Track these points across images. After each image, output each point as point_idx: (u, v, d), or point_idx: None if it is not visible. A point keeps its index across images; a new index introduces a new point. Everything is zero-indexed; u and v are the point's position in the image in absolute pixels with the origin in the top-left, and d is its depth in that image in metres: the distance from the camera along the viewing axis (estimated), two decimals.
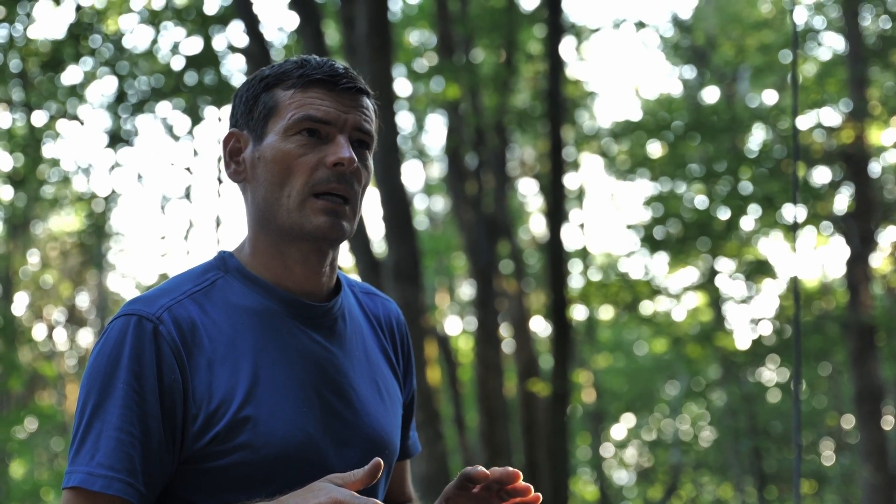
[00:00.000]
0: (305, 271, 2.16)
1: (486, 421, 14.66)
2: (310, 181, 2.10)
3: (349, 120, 2.13)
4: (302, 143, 2.11)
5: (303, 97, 2.13)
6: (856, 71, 15.05)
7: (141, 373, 2.02)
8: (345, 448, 2.13)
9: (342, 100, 2.14)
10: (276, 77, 2.17)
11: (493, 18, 15.22)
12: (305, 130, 2.11)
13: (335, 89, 2.13)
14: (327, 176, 2.10)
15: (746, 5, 20.92)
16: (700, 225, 16.04)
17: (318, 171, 2.10)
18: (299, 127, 2.11)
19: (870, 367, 14.79)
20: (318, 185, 2.10)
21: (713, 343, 19.98)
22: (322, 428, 2.10)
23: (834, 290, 22.27)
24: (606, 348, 26.52)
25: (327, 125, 2.12)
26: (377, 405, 2.22)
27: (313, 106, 2.12)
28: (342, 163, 2.09)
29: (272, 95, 2.16)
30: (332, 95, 2.13)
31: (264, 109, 2.16)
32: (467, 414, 17.71)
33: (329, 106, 2.12)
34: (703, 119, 16.05)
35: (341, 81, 2.14)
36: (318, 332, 2.17)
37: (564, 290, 13.70)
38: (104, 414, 2.00)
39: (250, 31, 9.88)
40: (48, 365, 22.79)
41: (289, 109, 2.13)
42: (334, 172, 2.10)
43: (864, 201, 15.12)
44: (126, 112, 13.22)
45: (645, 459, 29.73)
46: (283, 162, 2.11)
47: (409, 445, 2.44)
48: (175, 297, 2.10)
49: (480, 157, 15.17)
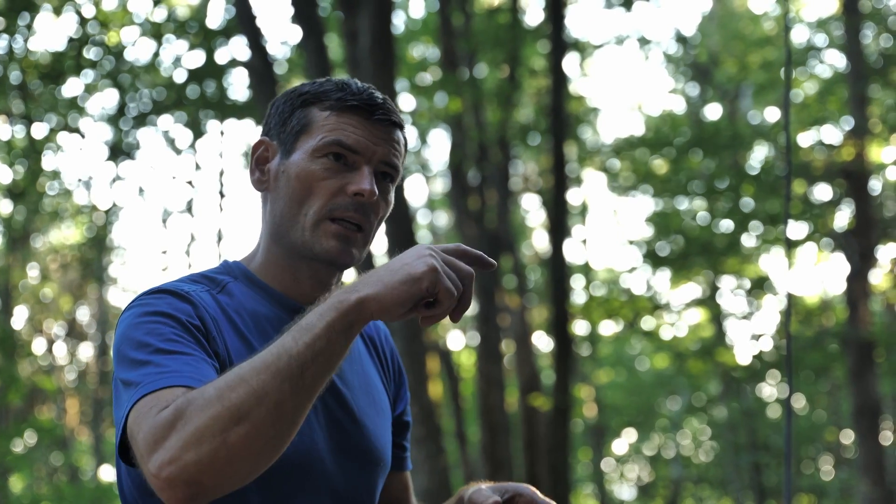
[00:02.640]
0: (314, 286, 2.18)
1: (488, 435, 14.65)
2: (328, 205, 2.11)
3: (378, 152, 2.14)
4: (327, 166, 2.12)
5: (337, 121, 2.14)
6: (857, 88, 15.07)
7: (180, 315, 2.01)
8: (343, 457, 2.14)
9: (375, 130, 2.14)
10: (314, 95, 2.18)
11: (497, 34, 15.24)
12: (332, 154, 2.12)
13: (370, 118, 2.14)
14: (346, 203, 2.11)
15: (749, 23, 20.98)
16: (701, 241, 16.06)
17: (338, 196, 2.11)
18: (328, 150, 2.12)
19: (868, 382, 14.80)
20: (336, 210, 2.11)
21: (714, 358, 19.98)
22: (325, 436, 2.12)
23: (833, 306, 22.28)
24: (608, 363, 26.54)
25: (355, 154, 2.13)
26: (374, 417, 2.24)
27: (345, 132, 2.13)
28: (362, 194, 2.10)
29: (307, 113, 2.17)
30: (365, 124, 2.14)
31: (297, 125, 2.17)
32: (469, 428, 17.71)
33: (361, 135, 2.13)
34: (705, 136, 16.07)
35: (377, 112, 2.14)
36: None
37: (566, 305, 13.72)
38: (150, 347, 1.95)
39: (253, 44, 9.90)
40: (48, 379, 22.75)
41: (321, 131, 2.14)
42: (353, 201, 2.12)
43: (863, 218, 15.13)
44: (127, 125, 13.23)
45: (646, 474, 29.72)
46: (306, 181, 2.12)
47: (404, 457, 2.46)
48: (196, 289, 2.11)
49: (483, 172, 15.18)
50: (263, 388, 1.75)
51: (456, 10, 15.16)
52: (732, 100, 21.58)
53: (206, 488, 1.75)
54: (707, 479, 27.74)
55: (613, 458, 28.98)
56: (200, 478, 1.74)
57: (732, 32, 20.75)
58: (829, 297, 23.24)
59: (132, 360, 1.94)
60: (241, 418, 1.73)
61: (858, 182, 15.27)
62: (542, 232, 22.46)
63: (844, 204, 16.09)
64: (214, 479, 1.74)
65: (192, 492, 1.75)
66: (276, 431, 1.76)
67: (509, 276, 16.40)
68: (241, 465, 1.75)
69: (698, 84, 22.07)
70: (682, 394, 25.52)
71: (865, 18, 15.55)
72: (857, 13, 15.16)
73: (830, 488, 24.23)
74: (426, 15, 17.30)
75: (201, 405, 1.75)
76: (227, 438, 1.73)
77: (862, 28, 15.35)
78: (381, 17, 9.57)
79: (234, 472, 1.76)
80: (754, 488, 24.00)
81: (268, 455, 1.78)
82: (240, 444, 1.73)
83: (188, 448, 1.73)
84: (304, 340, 1.78)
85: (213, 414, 1.74)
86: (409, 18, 18.00)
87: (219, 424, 1.73)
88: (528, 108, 18.20)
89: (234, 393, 1.75)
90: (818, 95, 17.36)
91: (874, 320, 16.74)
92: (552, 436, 13.66)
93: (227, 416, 1.73)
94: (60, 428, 21.79)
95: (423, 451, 9.25)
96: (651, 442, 29.03)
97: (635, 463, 29.74)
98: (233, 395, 1.75)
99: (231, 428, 1.73)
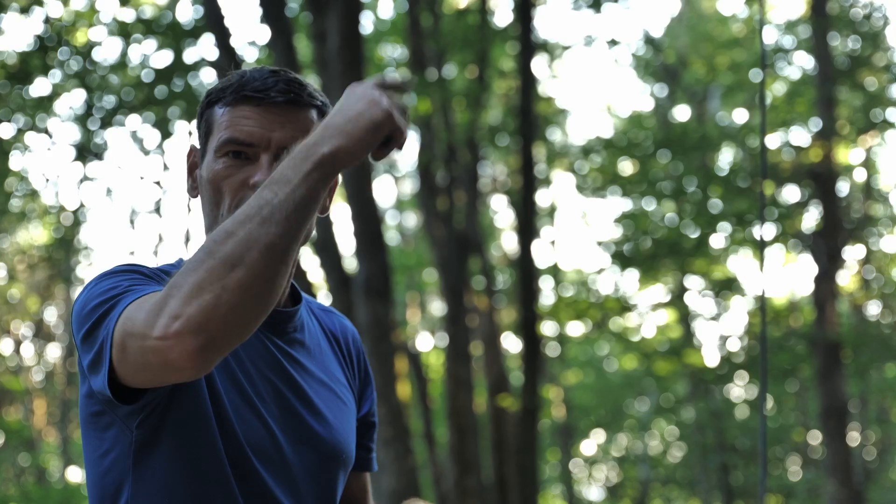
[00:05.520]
0: None
1: (457, 436, 14.65)
2: (235, 201, 2.10)
3: (273, 138, 2.11)
4: (228, 164, 2.11)
5: (231, 116, 2.13)
6: (824, 90, 15.15)
7: (141, 269, 2.06)
8: (301, 446, 2.15)
9: (269, 116, 2.12)
10: (216, 93, 2.17)
11: (466, 35, 15.24)
12: (231, 153, 2.12)
13: (261, 105, 2.12)
14: (250, 196, 2.09)
15: (718, 24, 21.05)
16: (670, 242, 16.11)
17: (241, 191, 2.10)
18: (225, 149, 2.12)
19: (836, 383, 14.89)
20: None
21: (682, 359, 20.04)
22: (280, 425, 2.12)
23: (801, 307, 22.39)
24: (576, 364, 26.58)
25: (251, 146, 2.11)
26: (336, 411, 2.24)
27: (237, 127, 2.11)
28: (258, 185, 2.06)
29: (211, 113, 2.17)
30: (258, 111, 2.11)
31: (205, 127, 2.17)
32: (437, 429, 17.69)
33: (254, 125, 2.11)
34: (673, 137, 16.13)
35: (270, 95, 2.12)
36: (280, 338, 2.19)
37: (535, 306, 13.74)
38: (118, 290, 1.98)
39: (221, 44, 9.86)
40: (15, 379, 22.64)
41: (219, 129, 2.13)
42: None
43: (831, 220, 15.21)
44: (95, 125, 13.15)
45: (614, 475, 29.78)
46: (215, 182, 2.12)
47: (369, 458, 2.46)
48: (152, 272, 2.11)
49: (452, 173, 15.17)
50: (252, 235, 1.79)
51: (425, 10, 15.14)
52: (701, 101, 21.64)
53: (213, 338, 1.77)
54: (675, 479, 27.81)
55: (582, 458, 29.02)
56: (207, 325, 1.76)
57: (701, 34, 20.82)
58: (796, 299, 23.35)
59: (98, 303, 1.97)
60: (235, 264, 1.77)
61: (826, 183, 15.35)
62: (511, 233, 22.49)
63: (812, 205, 16.17)
64: (220, 326, 1.77)
65: (200, 342, 1.77)
66: (271, 273, 1.80)
67: (478, 277, 16.39)
68: (244, 309, 1.78)
69: (667, 85, 22.12)
70: (651, 395, 25.56)
71: (833, 21, 15.62)
72: (825, 15, 15.24)
73: (798, 489, 24.34)
74: (395, 16, 17.26)
75: (192, 266, 1.79)
76: (226, 284, 1.76)
77: (830, 30, 15.43)
78: (349, 17, 9.56)
79: (239, 318, 1.78)
80: (722, 489, 24.08)
81: (266, 297, 1.81)
82: (239, 287, 1.77)
83: (189, 302, 1.76)
84: (284, 191, 1.83)
85: (208, 268, 1.78)
86: (377, 19, 17.98)
87: (215, 274, 1.77)
88: (497, 109, 18.21)
89: (223, 246, 1.79)
90: (786, 97, 17.44)
91: (841, 321, 16.85)
92: (521, 437, 13.68)
93: (221, 266, 1.77)
94: (28, 429, 21.67)
95: (391, 452, 9.25)
96: (619, 443, 29.10)
97: (604, 464, 29.79)
98: (223, 248, 1.79)
99: (227, 275, 1.77)
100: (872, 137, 17.90)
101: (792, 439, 25.11)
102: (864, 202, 19.58)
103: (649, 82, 22.92)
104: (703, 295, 21.22)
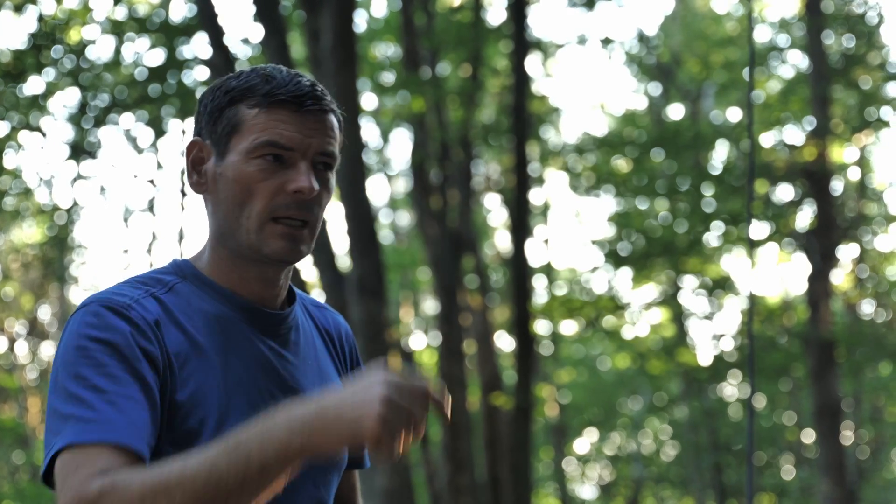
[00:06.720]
0: (262, 284, 2.16)
1: (449, 435, 14.64)
2: (269, 206, 2.08)
3: (312, 144, 2.09)
4: (263, 167, 2.08)
5: (267, 119, 2.09)
6: (818, 89, 15.14)
7: (118, 339, 2.00)
8: None
9: (306, 122, 2.10)
10: (240, 92, 2.12)
11: (459, 33, 15.23)
12: (269, 155, 2.09)
13: (300, 111, 2.09)
14: (287, 202, 2.08)
15: (711, 23, 21.06)
16: (663, 241, 16.10)
17: (278, 196, 2.08)
18: (262, 152, 2.08)
19: (829, 382, 14.89)
20: (278, 210, 2.08)
21: (675, 358, 20.05)
22: None
23: (795, 306, 22.41)
24: (569, 363, 26.59)
25: (290, 151, 2.08)
26: None
27: (276, 130, 2.08)
28: (302, 191, 2.07)
29: (236, 112, 2.12)
30: (296, 118, 2.09)
31: (228, 125, 2.12)
32: (430, 428, 17.69)
33: (293, 130, 2.09)
34: (666, 136, 16.11)
35: (306, 103, 2.10)
36: (273, 340, 2.17)
37: (528, 304, 13.74)
38: (85, 381, 1.95)
39: (215, 42, 9.85)
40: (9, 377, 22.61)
41: (252, 131, 2.09)
42: (294, 199, 2.08)
43: (825, 218, 15.22)
44: (89, 123, 13.14)
45: (607, 473, 29.79)
46: (244, 183, 2.09)
47: (361, 456, 2.44)
48: (137, 295, 2.08)
49: (445, 171, 15.16)
50: (196, 497, 1.80)
51: (418, 9, 15.13)
52: (694, 100, 21.65)
53: None
54: (668, 478, 27.83)
55: (575, 457, 29.02)
56: None
57: (695, 32, 20.82)
58: (790, 298, 23.37)
59: (67, 392, 1.95)
60: None
61: (820, 182, 15.36)
62: (504, 232, 22.49)
63: (806, 204, 16.17)
64: None
65: None
66: None
67: (471, 275, 16.38)
68: None
69: (660, 84, 22.13)
70: (644, 393, 25.58)
71: (827, 19, 15.63)
72: (820, 14, 15.24)
73: (791, 488, 24.37)
74: (388, 14, 17.26)
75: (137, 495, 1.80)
76: None
77: (824, 28, 15.43)
78: (343, 15, 9.55)
79: None
80: (715, 488, 24.11)
81: None
82: None
83: None
84: (237, 467, 1.82)
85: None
86: (371, 17, 17.97)
87: None
88: (491, 107, 18.20)
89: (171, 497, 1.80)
90: (780, 96, 17.44)
91: (835, 320, 16.85)
92: (514, 435, 13.68)
93: None
94: (22, 427, 21.66)
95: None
96: (612, 441, 29.11)
97: (597, 462, 29.80)
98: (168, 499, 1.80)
99: None
100: (867, 136, 17.92)
101: (785, 438, 25.15)
102: (859, 201, 19.57)
103: (643, 81, 22.93)
104: (697, 294, 21.23)
